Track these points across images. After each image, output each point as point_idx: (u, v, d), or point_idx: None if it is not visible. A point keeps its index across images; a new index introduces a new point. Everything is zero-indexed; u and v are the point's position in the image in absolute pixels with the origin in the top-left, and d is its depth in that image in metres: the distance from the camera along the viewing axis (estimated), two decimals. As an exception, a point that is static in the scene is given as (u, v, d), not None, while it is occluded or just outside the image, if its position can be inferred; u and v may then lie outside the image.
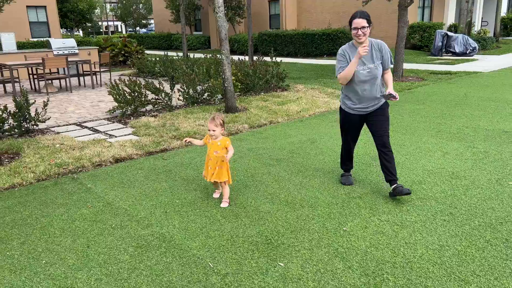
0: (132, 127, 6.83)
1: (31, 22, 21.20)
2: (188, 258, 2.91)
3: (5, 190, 4.26)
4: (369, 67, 3.64)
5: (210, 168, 3.68)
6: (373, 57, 3.64)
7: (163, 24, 32.34)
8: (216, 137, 3.63)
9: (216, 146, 3.65)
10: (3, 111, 6.17)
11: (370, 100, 3.76)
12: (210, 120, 3.60)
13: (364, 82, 3.67)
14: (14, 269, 2.84)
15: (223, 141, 3.66)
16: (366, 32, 3.52)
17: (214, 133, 3.59)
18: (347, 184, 4.11)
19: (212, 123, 3.58)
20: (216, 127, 3.57)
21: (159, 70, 13.16)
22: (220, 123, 3.60)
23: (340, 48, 3.73)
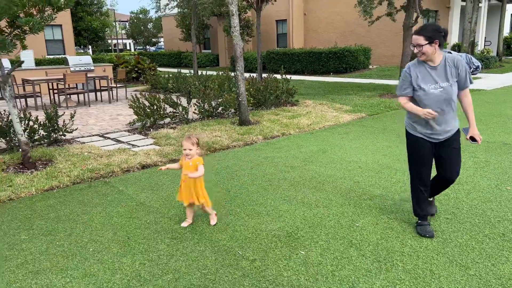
0: (153, 138, 7.26)
1: (47, 40, 21.98)
2: (219, 247, 3.28)
3: (45, 192, 4.67)
4: (442, 86, 3.12)
5: (185, 189, 3.58)
6: (447, 75, 3.13)
7: (172, 42, 33.22)
8: (191, 157, 3.51)
9: (188, 166, 3.53)
10: (35, 122, 6.63)
11: (443, 125, 3.21)
12: (185, 139, 3.49)
13: (437, 103, 3.14)
14: (66, 256, 3.22)
15: (195, 161, 3.53)
16: (424, 51, 3.09)
17: (190, 152, 3.48)
18: (428, 236, 3.32)
19: (188, 142, 3.47)
20: (192, 145, 3.47)
21: (172, 86, 13.69)
22: (196, 142, 3.50)
23: (406, 66, 3.28)
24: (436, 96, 3.13)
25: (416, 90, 3.21)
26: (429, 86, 3.15)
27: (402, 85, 3.29)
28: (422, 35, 3.08)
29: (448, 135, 3.26)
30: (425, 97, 3.16)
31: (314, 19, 24.58)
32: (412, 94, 3.26)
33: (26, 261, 3.14)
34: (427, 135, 3.27)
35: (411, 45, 3.16)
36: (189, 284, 2.79)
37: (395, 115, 8.88)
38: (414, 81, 3.20)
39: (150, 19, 37.10)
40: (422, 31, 3.11)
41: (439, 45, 3.10)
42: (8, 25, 4.99)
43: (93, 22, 25.85)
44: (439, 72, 3.15)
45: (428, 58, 3.14)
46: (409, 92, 3.25)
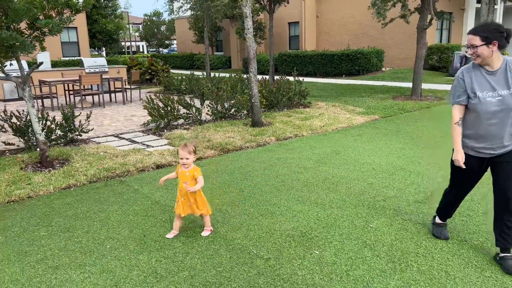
0: (167, 138, 7.34)
1: (63, 42, 22.33)
2: (234, 246, 3.32)
3: (63, 190, 4.76)
4: (501, 94, 2.77)
5: (183, 200, 3.42)
6: (508, 81, 2.77)
7: (185, 45, 33.47)
8: (188, 166, 3.35)
9: (185, 177, 3.37)
10: (52, 122, 6.76)
11: (499, 139, 2.85)
12: (182, 147, 3.32)
13: (493, 113, 2.80)
14: (84, 252, 3.29)
15: (192, 171, 3.37)
16: (479, 52, 2.76)
17: (186, 161, 3.31)
18: (442, 238, 3.32)
19: (185, 150, 3.30)
20: (189, 154, 3.30)
21: (185, 87, 13.80)
22: (193, 150, 3.34)
23: (460, 70, 2.95)
24: (493, 106, 2.78)
25: (471, 98, 2.86)
26: (485, 94, 2.80)
27: (455, 92, 2.94)
28: (478, 35, 2.75)
29: (505, 150, 2.88)
30: (480, 107, 2.81)
31: (327, 21, 24.54)
32: (467, 103, 2.90)
33: (46, 257, 3.21)
34: (479, 149, 2.93)
35: (465, 46, 2.87)
36: (204, 281, 2.82)
37: (409, 118, 8.83)
38: (468, 88, 2.86)
39: (163, 21, 37.45)
40: (478, 30, 2.78)
41: (499, 47, 2.74)
42: (28, 27, 5.11)
43: (108, 24, 26.20)
44: (498, 78, 2.79)
45: (484, 61, 2.79)
46: (463, 100, 2.89)
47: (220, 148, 6.48)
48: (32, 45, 5.04)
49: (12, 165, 5.55)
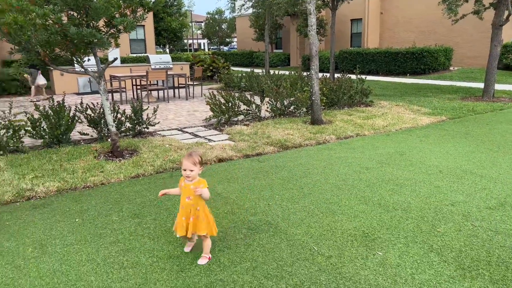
0: (227, 133, 7.50)
1: (131, 39, 23.52)
2: (294, 241, 3.34)
3: (132, 178, 5.05)
4: None
5: (183, 219, 3.00)
6: None
7: (245, 42, 33.90)
8: (192, 179, 2.97)
9: (189, 191, 2.97)
10: (122, 115, 7.16)
11: None
12: (186, 157, 2.92)
13: None
14: (152, 237, 3.47)
15: (197, 184, 2.97)
16: None
17: (191, 173, 2.91)
18: None
19: (189, 160, 2.90)
20: (193, 165, 2.90)
21: (245, 84, 14.00)
22: (198, 160, 2.93)
23: None
24: None
25: None
26: None
27: None
28: None
29: None
30: None
31: (391, 18, 23.70)
32: None
33: (118, 240, 3.43)
34: None
35: None
36: (266, 273, 2.87)
37: (480, 120, 8.31)
38: None
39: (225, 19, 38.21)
40: None
41: None
42: (105, 25, 5.46)
43: (172, 22, 27.21)
44: None
45: None
46: None
47: (279, 144, 6.52)
48: (108, 42, 5.38)
49: (87, 153, 5.96)
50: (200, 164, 2.95)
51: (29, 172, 5.11)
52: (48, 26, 4.88)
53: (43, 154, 5.90)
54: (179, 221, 3.02)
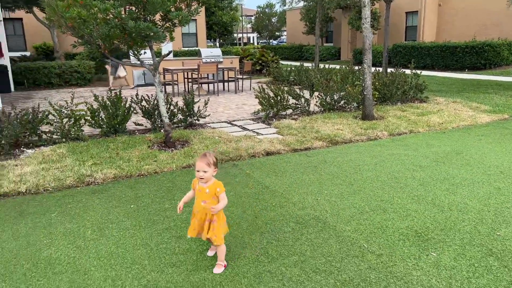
0: (276, 127, 7.50)
1: (183, 33, 24.11)
2: (343, 237, 3.29)
3: (183, 168, 5.20)
4: None
5: (197, 223, 2.87)
6: None
7: (295, 36, 33.64)
8: (206, 181, 2.79)
9: (204, 194, 2.80)
10: (175, 107, 7.37)
11: None
12: (200, 158, 2.76)
13: None
14: (202, 226, 3.56)
15: (213, 187, 2.80)
16: None
17: (204, 175, 2.74)
18: None
19: (203, 161, 2.73)
20: (208, 166, 2.73)
21: (294, 78, 13.92)
22: (213, 161, 2.77)
23: None
24: None
25: None
26: None
27: None
28: None
29: None
30: None
31: (450, 11, 22.53)
32: None
33: (170, 227, 3.55)
34: None
35: None
36: (314, 268, 2.86)
37: (547, 118, 7.74)
38: None
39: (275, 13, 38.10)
40: None
41: None
42: (161, 19, 5.63)
43: (224, 16, 27.55)
44: None
45: None
46: None
47: (328, 139, 6.43)
48: (164, 35, 5.55)
49: (141, 143, 6.21)
50: (215, 166, 2.78)
51: (89, 159, 5.41)
52: (108, 20, 5.11)
53: (101, 143, 6.22)
54: (191, 224, 2.88)
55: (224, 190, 2.82)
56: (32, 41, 21.15)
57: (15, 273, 2.87)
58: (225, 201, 2.81)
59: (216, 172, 2.81)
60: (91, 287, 2.70)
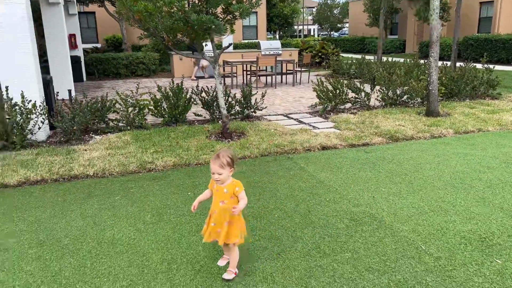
0: (333, 121, 7.37)
1: (244, 25, 24.32)
2: (400, 237, 3.18)
3: (239, 159, 5.28)
4: None
5: (213, 225, 2.67)
6: None
7: (357, 28, 32.69)
8: (223, 182, 2.64)
9: (222, 194, 2.64)
10: (233, 99, 7.49)
11: None
12: (213, 159, 2.60)
13: None
14: (255, 217, 3.60)
15: (232, 186, 2.64)
16: None
17: (220, 177, 2.59)
18: None
19: (216, 163, 2.57)
20: (222, 168, 2.57)
21: (354, 71, 13.56)
22: (228, 162, 2.59)
23: None
24: None
25: None
26: None
27: None
28: None
29: None
30: None
31: (531, -1, 20.68)
32: None
33: (224, 216, 3.63)
34: None
35: None
36: (367, 266, 2.79)
37: None
38: None
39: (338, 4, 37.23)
40: None
41: None
42: (222, 11, 5.72)
43: (284, 8, 27.40)
44: None
45: None
46: None
47: (388, 136, 6.21)
48: (225, 28, 5.64)
49: (200, 133, 6.39)
50: (230, 165, 2.60)
51: (151, 147, 5.67)
52: (172, 13, 5.29)
53: (163, 131, 6.48)
54: (209, 227, 2.70)
55: (243, 189, 2.66)
56: (103, 34, 22.42)
57: (81, 250, 3.09)
58: (245, 200, 2.64)
59: (233, 171, 2.64)
60: (148, 268, 2.84)
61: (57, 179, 4.63)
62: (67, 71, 10.30)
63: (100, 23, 22.34)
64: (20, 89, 5.89)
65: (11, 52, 5.87)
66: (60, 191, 4.26)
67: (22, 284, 2.68)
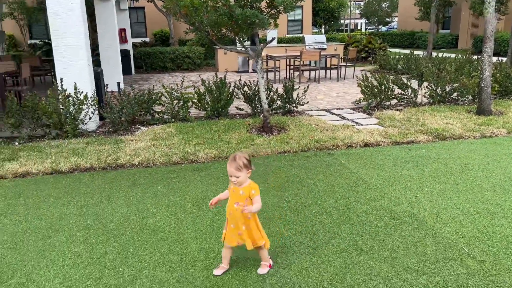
0: (377, 118, 7.20)
1: (289, 20, 24.19)
2: (441, 239, 3.08)
3: (278, 154, 5.30)
4: None
5: (233, 226, 2.65)
6: None
7: (407, 22, 31.56)
8: (241, 184, 2.60)
9: (238, 196, 2.60)
10: (274, 93, 7.50)
11: None
12: (230, 162, 2.55)
13: None
14: (292, 211, 3.62)
15: (248, 189, 2.60)
16: None
17: (238, 180, 2.56)
18: None
19: (233, 166, 2.53)
20: (239, 171, 2.53)
21: (402, 67, 13.13)
22: (244, 163, 2.55)
23: None
24: None
25: None
26: None
27: None
28: None
29: None
30: None
31: None
32: None
33: (262, 209, 3.66)
34: None
35: None
36: (405, 266, 2.73)
37: None
38: None
39: (387, -3, 36.07)
40: None
41: None
42: (267, 6, 5.73)
43: (331, 2, 26.94)
44: None
45: None
46: None
47: (435, 134, 5.99)
48: (268, 22, 5.65)
49: (241, 127, 6.46)
50: (247, 167, 2.57)
51: (193, 139, 5.81)
52: (217, 7, 5.37)
53: (205, 124, 6.62)
54: (228, 229, 2.67)
55: (259, 194, 2.60)
56: (152, 28, 23.10)
57: (125, 235, 3.25)
58: (259, 204, 2.58)
59: (250, 173, 2.61)
60: (187, 256, 2.94)
61: (105, 167, 4.86)
62: (117, 64, 10.75)
63: (149, 18, 23.02)
64: (73, 81, 6.23)
65: (66, 46, 6.20)
66: (107, 179, 4.48)
67: (70, 263, 2.85)
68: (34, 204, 3.84)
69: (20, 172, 4.65)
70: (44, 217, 3.58)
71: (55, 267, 2.82)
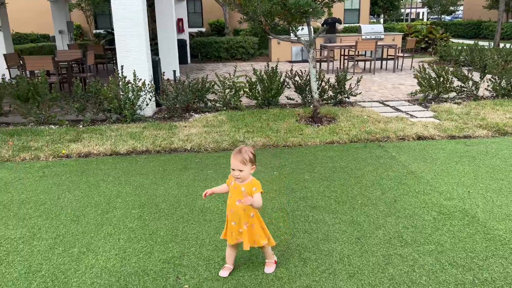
0: (433, 111, 6.93)
1: (345, 9, 23.63)
2: (493, 236, 2.96)
3: (327, 144, 5.29)
4: None
5: (234, 224, 2.52)
6: None
7: (473, 11, 29.69)
8: (243, 180, 2.46)
9: (239, 193, 2.47)
10: (326, 83, 7.43)
11: None
12: (234, 154, 2.42)
13: None
14: (337, 201, 3.62)
15: (250, 185, 2.46)
16: None
17: (241, 174, 2.41)
18: None
19: (237, 159, 2.39)
20: (243, 164, 2.39)
21: (464, 58, 12.44)
22: (250, 158, 2.41)
23: None
24: None
25: None
26: None
27: None
28: None
29: None
30: None
31: None
32: None
33: (307, 197, 3.71)
34: None
35: None
36: (452, 260, 2.67)
37: None
38: None
39: (451, -15, 34.05)
40: None
41: None
42: (320, -6, 5.68)
43: (391, -9, 25.96)
44: None
45: None
46: None
47: (495, 129, 5.68)
48: (322, 11, 5.60)
49: (290, 116, 6.50)
50: (252, 163, 2.43)
51: (243, 127, 5.93)
52: (271, -3, 5.41)
53: (255, 113, 6.72)
54: (229, 226, 2.55)
55: (260, 191, 2.44)
56: (208, 18, 23.54)
57: (175, 214, 3.43)
58: (259, 202, 2.41)
59: (254, 169, 2.47)
60: (232, 237, 3.05)
61: (159, 150, 5.12)
62: (173, 53, 11.13)
63: (205, 8, 23.46)
64: (132, 69, 6.56)
65: (127, 36, 6.54)
66: (161, 162, 4.72)
67: (125, 238, 3.08)
68: (94, 182, 4.15)
69: (83, 152, 5.03)
70: (103, 194, 3.87)
71: (112, 240, 3.05)
